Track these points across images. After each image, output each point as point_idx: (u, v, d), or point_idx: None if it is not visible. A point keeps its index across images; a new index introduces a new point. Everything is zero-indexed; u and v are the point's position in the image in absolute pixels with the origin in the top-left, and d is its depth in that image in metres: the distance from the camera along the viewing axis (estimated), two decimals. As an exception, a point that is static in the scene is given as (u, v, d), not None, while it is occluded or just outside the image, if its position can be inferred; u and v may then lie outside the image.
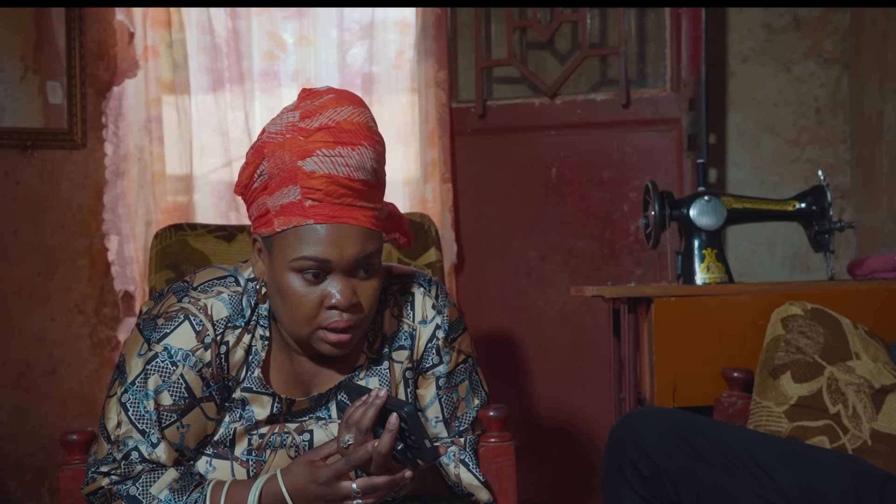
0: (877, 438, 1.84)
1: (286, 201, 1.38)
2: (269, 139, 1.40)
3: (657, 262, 2.81)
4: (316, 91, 1.43)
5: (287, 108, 1.42)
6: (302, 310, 1.39)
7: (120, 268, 2.95)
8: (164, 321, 1.43)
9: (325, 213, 1.36)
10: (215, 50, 3.04)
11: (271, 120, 1.43)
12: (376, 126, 1.43)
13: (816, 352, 1.91)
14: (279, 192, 1.38)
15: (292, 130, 1.38)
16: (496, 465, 1.62)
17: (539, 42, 3.20)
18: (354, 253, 1.38)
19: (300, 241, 1.37)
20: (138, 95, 2.95)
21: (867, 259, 2.30)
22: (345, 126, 1.37)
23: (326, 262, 1.37)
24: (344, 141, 1.36)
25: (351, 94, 1.43)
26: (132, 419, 1.40)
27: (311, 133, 1.37)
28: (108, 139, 2.97)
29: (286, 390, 1.48)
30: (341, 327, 1.39)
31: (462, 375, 1.59)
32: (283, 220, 1.38)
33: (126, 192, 2.95)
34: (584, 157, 3.06)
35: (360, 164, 1.37)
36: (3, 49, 2.89)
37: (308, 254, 1.37)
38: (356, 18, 3.12)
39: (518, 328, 3.10)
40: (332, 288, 1.38)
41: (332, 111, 1.38)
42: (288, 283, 1.39)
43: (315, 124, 1.37)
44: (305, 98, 1.42)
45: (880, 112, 2.83)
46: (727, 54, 3.15)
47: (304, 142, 1.36)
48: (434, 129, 3.03)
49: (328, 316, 1.39)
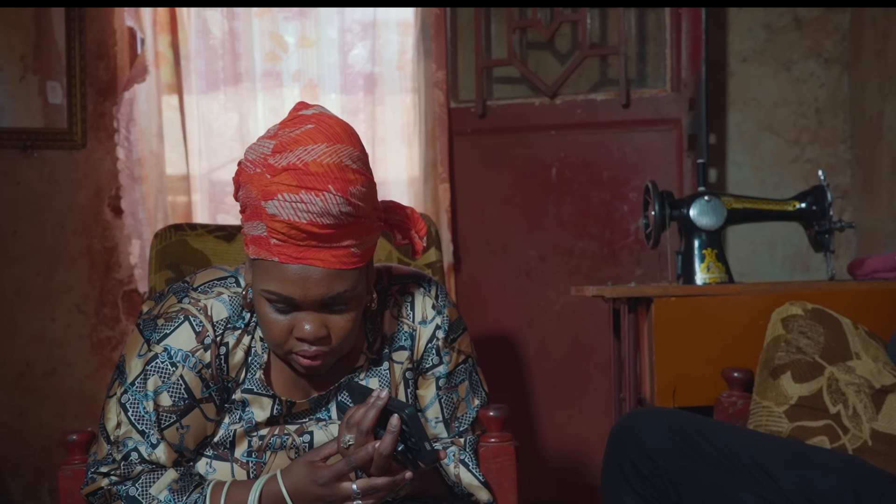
0: (877, 438, 1.84)
1: (255, 233, 1.36)
2: (244, 167, 1.37)
3: (657, 262, 2.81)
4: (301, 115, 1.37)
5: (269, 131, 1.38)
6: (273, 334, 1.39)
7: (143, 271, 2.98)
8: (164, 322, 1.43)
9: (290, 253, 1.34)
10: (211, 51, 3.04)
11: (256, 140, 1.39)
12: (357, 162, 1.34)
13: (816, 352, 1.91)
14: (250, 222, 1.37)
15: (262, 165, 1.34)
16: (496, 465, 1.62)
17: (539, 42, 3.20)
18: (319, 294, 1.35)
19: (267, 274, 1.36)
20: (150, 101, 2.96)
21: (867, 259, 2.30)
22: (312, 168, 1.30)
23: (290, 299, 1.36)
24: (308, 185, 1.30)
25: (332, 126, 1.35)
26: (132, 420, 1.40)
27: (277, 172, 1.31)
28: (120, 143, 2.98)
29: (286, 392, 1.48)
30: (310, 355, 1.39)
31: (462, 376, 1.59)
32: (255, 250, 1.37)
33: (145, 197, 2.96)
34: (584, 157, 3.06)
35: (324, 210, 1.31)
36: (3, 49, 2.89)
37: (272, 289, 1.35)
38: (357, 19, 3.12)
39: (518, 328, 3.10)
40: (300, 320, 1.37)
41: (303, 150, 1.31)
42: (261, 306, 1.39)
43: (283, 162, 1.31)
44: (288, 123, 1.37)
45: (880, 112, 2.83)
46: (727, 54, 3.15)
47: (269, 181, 1.32)
48: (433, 129, 3.03)
49: (298, 344, 1.39)
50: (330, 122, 1.36)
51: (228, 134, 3.06)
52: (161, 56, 2.97)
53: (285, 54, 3.10)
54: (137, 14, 2.96)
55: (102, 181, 3.04)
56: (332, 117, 1.37)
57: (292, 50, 3.11)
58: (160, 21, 2.97)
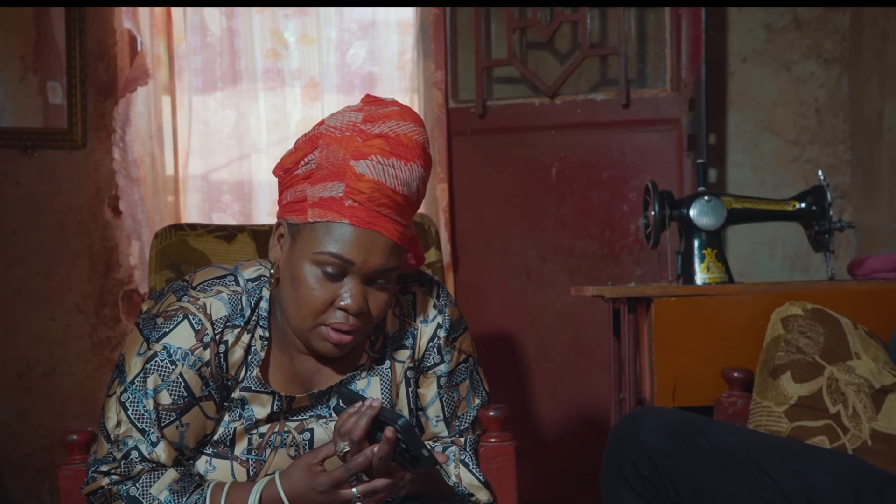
0: (877, 438, 1.84)
1: (327, 195, 1.39)
2: (326, 131, 1.41)
3: (657, 262, 2.81)
4: (381, 100, 1.45)
5: (350, 107, 1.45)
6: (311, 302, 1.40)
7: (143, 272, 2.98)
8: (164, 320, 1.43)
9: (362, 216, 1.38)
10: (209, 49, 3.04)
11: (332, 114, 1.45)
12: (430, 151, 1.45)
13: (816, 352, 1.91)
14: (322, 184, 1.39)
15: (352, 129, 1.39)
16: (496, 465, 1.62)
17: (539, 42, 3.20)
18: (378, 263, 1.39)
19: (330, 236, 1.38)
20: (147, 103, 2.96)
21: (867, 259, 2.30)
22: (404, 140, 1.39)
23: (349, 264, 1.38)
24: (399, 154, 1.38)
25: (414, 112, 1.45)
26: (132, 418, 1.40)
27: (370, 137, 1.38)
28: (116, 144, 2.98)
29: (286, 388, 1.48)
30: (345, 329, 1.40)
31: (463, 375, 1.59)
32: (319, 213, 1.39)
33: (144, 199, 2.96)
34: (584, 157, 3.06)
35: (408, 179, 1.39)
36: (3, 49, 2.89)
37: (334, 250, 1.38)
38: (356, 18, 3.12)
39: (518, 328, 3.10)
40: (345, 290, 1.39)
41: (395, 123, 1.40)
42: (305, 273, 1.40)
43: (376, 130, 1.39)
44: (370, 104, 1.44)
45: (880, 112, 2.83)
46: (727, 54, 3.15)
47: (362, 143, 1.38)
48: (432, 129, 3.03)
49: (335, 315, 1.40)
50: (410, 109, 1.46)
51: (221, 133, 3.06)
52: (158, 59, 2.97)
53: (286, 52, 3.10)
54: (135, 15, 2.95)
55: (102, 181, 3.04)
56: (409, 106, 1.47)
57: (293, 48, 3.11)
58: (156, 24, 2.96)
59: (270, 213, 3.06)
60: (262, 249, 1.96)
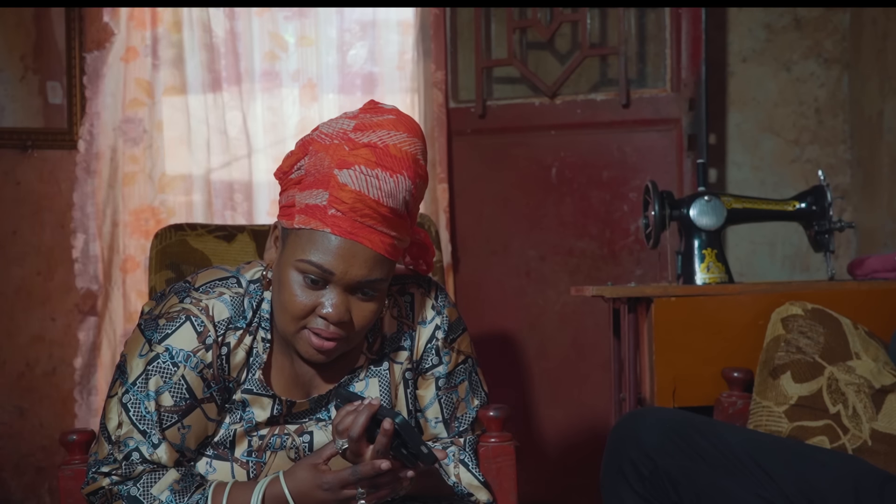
0: (877, 438, 1.84)
1: (312, 202, 1.39)
2: (318, 137, 1.42)
3: (657, 262, 2.81)
4: (380, 107, 1.44)
5: (347, 113, 1.44)
6: (293, 308, 1.39)
7: (83, 266, 2.93)
8: (166, 322, 1.43)
9: (344, 226, 1.37)
10: (213, 50, 3.04)
11: (328, 120, 1.45)
12: (425, 161, 1.43)
13: (816, 352, 1.91)
14: (309, 191, 1.39)
15: (341, 138, 1.39)
16: (496, 465, 1.62)
17: (539, 42, 3.20)
18: (360, 274, 1.38)
19: (312, 244, 1.38)
20: (116, 95, 2.93)
21: (867, 259, 2.30)
22: (392, 151, 1.37)
23: (329, 274, 1.37)
24: (385, 165, 1.37)
25: (412, 121, 1.44)
26: (133, 420, 1.40)
27: (357, 147, 1.37)
28: (83, 136, 2.94)
29: (286, 392, 1.48)
30: (325, 336, 1.40)
31: (462, 376, 1.59)
32: (304, 219, 1.39)
33: (96, 191, 2.94)
34: (584, 157, 3.06)
35: (392, 191, 1.37)
36: (3, 49, 2.89)
37: (314, 259, 1.37)
38: (357, 19, 3.12)
39: (518, 328, 3.10)
40: (327, 299, 1.39)
41: (386, 133, 1.39)
42: (289, 278, 1.40)
43: (364, 139, 1.38)
44: (367, 110, 1.44)
45: (880, 112, 2.83)
46: (727, 54, 3.15)
47: (347, 153, 1.37)
48: (432, 129, 3.03)
49: (316, 322, 1.40)
50: (408, 118, 1.44)
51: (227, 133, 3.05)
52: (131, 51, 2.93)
53: (285, 54, 3.10)
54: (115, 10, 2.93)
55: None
56: (409, 116, 1.45)
57: (292, 49, 3.10)
58: (136, 16, 2.94)
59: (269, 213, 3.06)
60: (262, 250, 1.96)
